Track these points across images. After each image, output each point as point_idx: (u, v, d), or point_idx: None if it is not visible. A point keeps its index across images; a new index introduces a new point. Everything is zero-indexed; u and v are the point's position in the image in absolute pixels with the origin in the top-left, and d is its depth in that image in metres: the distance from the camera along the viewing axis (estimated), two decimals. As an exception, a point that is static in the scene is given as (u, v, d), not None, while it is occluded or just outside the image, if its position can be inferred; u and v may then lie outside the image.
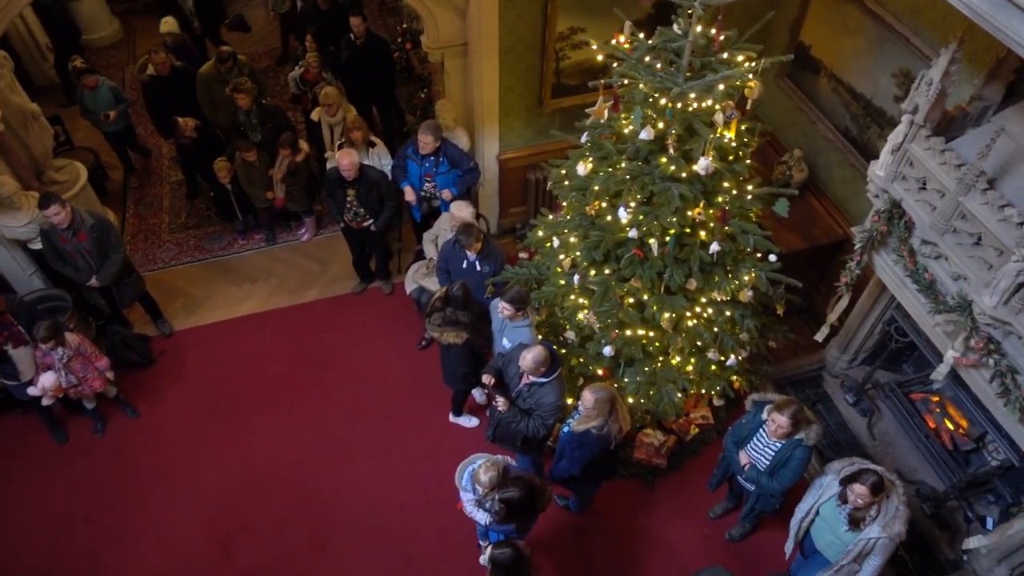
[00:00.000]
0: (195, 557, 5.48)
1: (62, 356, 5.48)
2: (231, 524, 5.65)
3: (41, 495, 5.82)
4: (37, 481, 5.90)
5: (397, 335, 6.82)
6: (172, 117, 7.15)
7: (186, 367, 6.64)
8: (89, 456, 6.05)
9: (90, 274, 5.96)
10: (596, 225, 4.75)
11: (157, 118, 7.82)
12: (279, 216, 7.63)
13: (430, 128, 6.03)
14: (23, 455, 6.05)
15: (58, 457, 6.04)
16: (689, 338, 4.98)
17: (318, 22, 8.32)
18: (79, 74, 7.37)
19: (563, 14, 5.92)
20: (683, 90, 3.98)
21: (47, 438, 6.09)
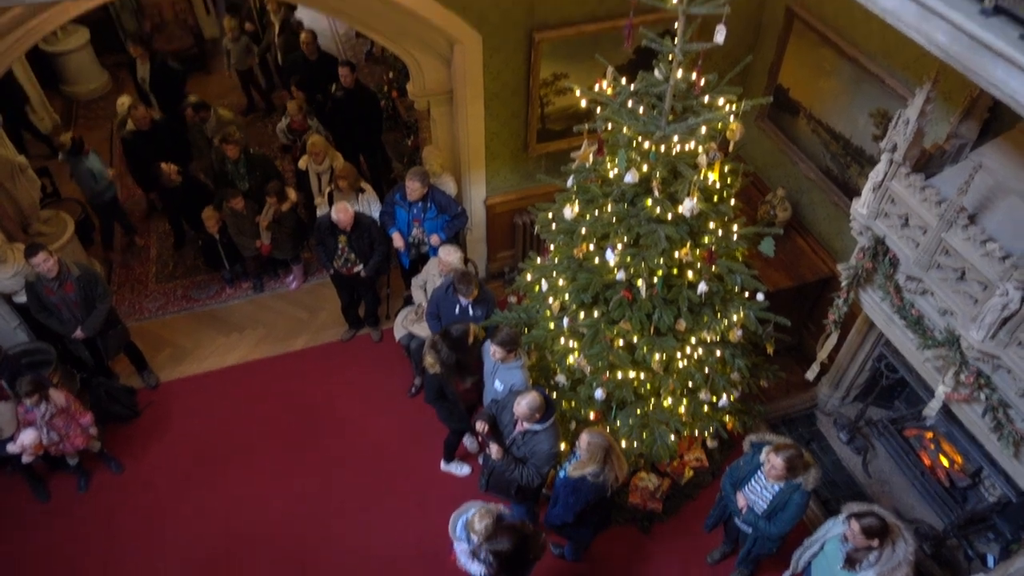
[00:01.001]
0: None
1: (44, 413, 5.37)
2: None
3: (23, 555, 5.64)
4: (17, 540, 5.72)
5: (387, 382, 6.75)
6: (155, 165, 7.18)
7: (172, 419, 6.52)
8: (72, 514, 5.90)
9: (75, 325, 5.90)
10: (584, 267, 4.76)
11: (140, 172, 7.79)
12: (267, 264, 7.61)
13: (417, 174, 6.07)
14: (3, 514, 5.88)
15: (40, 515, 5.88)
16: (680, 379, 4.95)
17: (304, 72, 8.45)
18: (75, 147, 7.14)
19: (546, 61, 6.02)
20: (666, 133, 4.03)
21: (29, 496, 5.94)
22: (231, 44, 9.15)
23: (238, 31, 9.10)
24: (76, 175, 7.39)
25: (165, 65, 8.54)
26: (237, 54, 9.22)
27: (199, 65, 10.55)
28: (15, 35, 5.26)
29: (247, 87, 9.78)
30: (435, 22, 5.46)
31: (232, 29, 9.05)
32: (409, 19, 5.53)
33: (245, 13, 9.75)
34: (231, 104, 9.67)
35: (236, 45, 9.14)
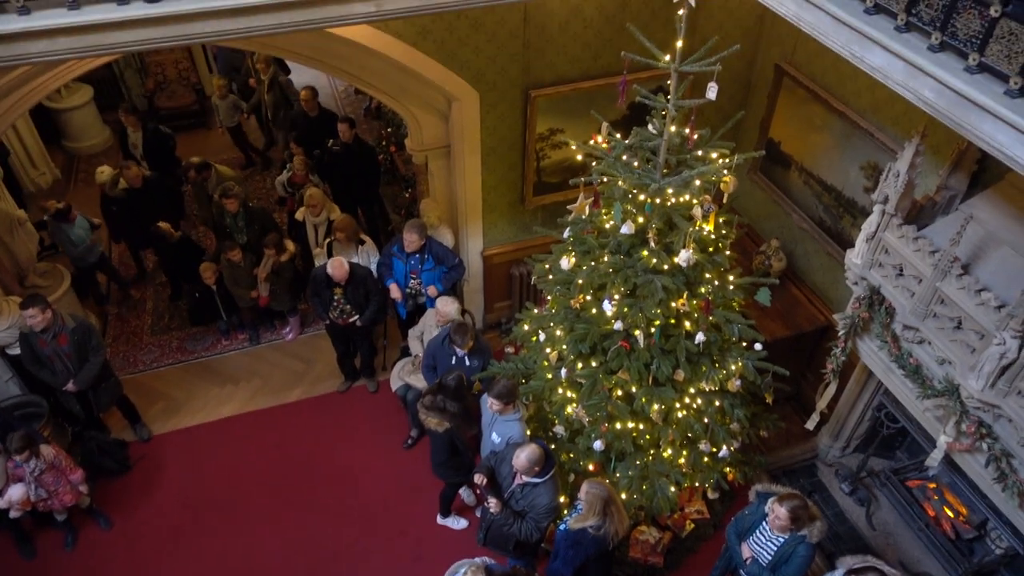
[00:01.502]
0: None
1: (34, 469, 5.29)
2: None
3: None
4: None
5: (383, 434, 6.68)
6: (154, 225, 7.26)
7: (164, 473, 6.42)
8: (58, 573, 5.74)
9: (68, 378, 5.85)
10: (581, 318, 4.78)
11: (134, 230, 7.83)
12: (263, 315, 7.60)
13: (415, 227, 6.13)
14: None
15: (26, 574, 5.71)
16: (680, 430, 4.92)
17: (304, 128, 8.60)
18: (60, 214, 7.12)
19: (542, 116, 6.16)
20: (661, 186, 4.10)
21: (14, 553, 5.78)
22: (219, 101, 9.34)
23: (225, 89, 9.28)
24: (57, 239, 7.45)
25: (158, 131, 8.60)
26: (225, 111, 9.40)
27: (200, 122, 10.72)
28: (21, 92, 5.36)
29: (239, 143, 9.92)
30: (434, 80, 5.60)
31: (220, 87, 9.24)
32: (409, 77, 5.66)
33: (245, 72, 9.96)
34: (230, 159, 9.81)
35: (224, 103, 9.32)
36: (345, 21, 3.50)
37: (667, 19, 5.63)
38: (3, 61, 3.38)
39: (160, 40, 3.50)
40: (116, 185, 7.63)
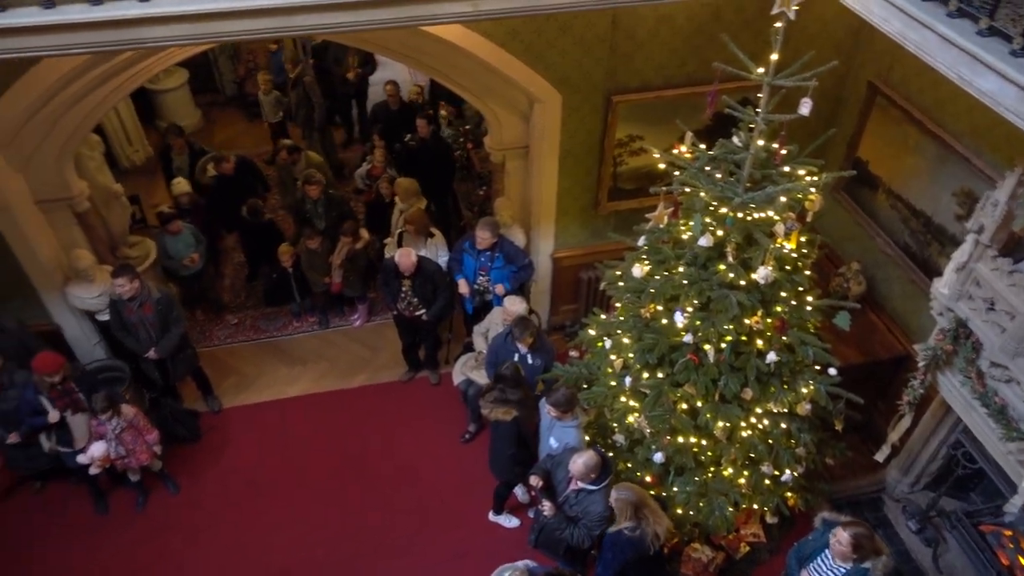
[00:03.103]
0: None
1: (115, 427, 5.57)
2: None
3: (77, 564, 5.79)
4: (75, 549, 5.88)
5: (442, 426, 6.77)
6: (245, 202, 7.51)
7: (230, 445, 6.67)
8: (127, 529, 6.04)
9: (150, 345, 6.13)
10: (651, 328, 4.73)
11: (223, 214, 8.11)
12: (334, 301, 7.81)
13: (488, 224, 6.19)
14: (65, 522, 6.06)
15: (98, 527, 6.04)
16: (743, 449, 4.82)
17: (386, 121, 8.79)
18: (164, 219, 7.10)
19: (623, 122, 6.13)
20: (744, 200, 4.04)
21: (90, 507, 6.12)
22: (263, 97, 9.63)
23: (269, 85, 9.56)
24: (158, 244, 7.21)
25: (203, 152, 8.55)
26: (269, 106, 9.68)
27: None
28: (128, 73, 5.64)
29: (275, 137, 10.00)
30: (519, 81, 5.64)
31: (265, 83, 9.52)
32: (494, 77, 5.73)
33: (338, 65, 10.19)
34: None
35: (268, 98, 9.61)
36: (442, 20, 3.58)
37: (759, 30, 5.50)
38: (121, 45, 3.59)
39: (265, 31, 3.65)
40: (205, 173, 7.96)
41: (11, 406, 5.52)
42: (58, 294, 6.27)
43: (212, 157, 8.03)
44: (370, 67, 9.89)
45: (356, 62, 9.66)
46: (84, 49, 3.80)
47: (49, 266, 6.10)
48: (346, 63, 9.65)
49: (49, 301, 6.30)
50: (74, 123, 5.62)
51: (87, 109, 5.59)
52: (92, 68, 5.10)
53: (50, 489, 6.27)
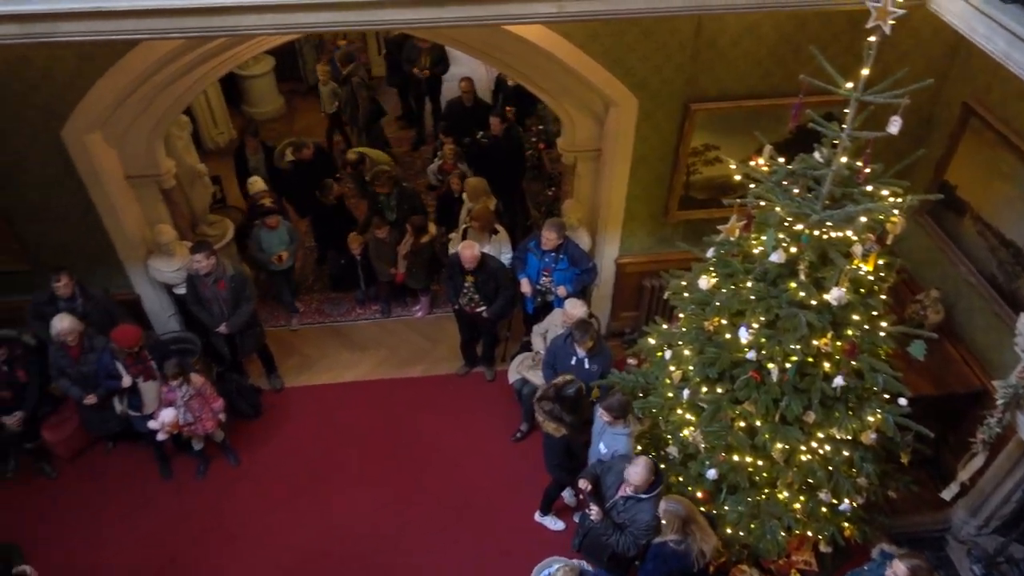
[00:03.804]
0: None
1: (184, 394, 5.81)
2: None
3: (137, 525, 6.07)
4: (137, 509, 6.17)
5: (494, 423, 6.81)
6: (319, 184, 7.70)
7: (289, 424, 6.86)
8: (188, 496, 6.29)
9: (221, 320, 6.37)
10: (713, 341, 4.64)
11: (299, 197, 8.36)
12: (397, 291, 7.94)
13: (555, 225, 6.19)
14: (130, 484, 6.36)
15: (161, 491, 6.31)
16: (801, 474, 4.68)
17: (459, 117, 8.89)
18: (263, 212, 7.15)
19: (699, 131, 6.03)
20: (821, 218, 3.92)
21: (155, 471, 6.40)
22: (322, 88, 9.82)
23: (327, 76, 9.71)
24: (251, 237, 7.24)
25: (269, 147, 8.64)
26: (326, 97, 9.85)
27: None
28: (219, 59, 5.87)
29: (331, 131, 10.25)
30: (596, 84, 5.62)
31: (323, 73, 9.68)
32: (571, 78, 5.72)
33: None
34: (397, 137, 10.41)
35: (326, 89, 9.78)
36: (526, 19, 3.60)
37: (847, 44, 5.35)
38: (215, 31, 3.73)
39: (351, 23, 3.74)
40: (283, 158, 8.22)
41: (90, 369, 5.83)
42: (140, 266, 6.58)
43: (292, 143, 8.28)
44: (443, 66, 9.96)
45: (428, 61, 9.73)
46: (180, 34, 3.99)
47: (134, 239, 6.41)
48: (420, 61, 9.76)
49: (132, 272, 6.61)
50: (166, 104, 5.88)
51: (179, 91, 5.84)
52: (186, 52, 5.33)
53: (119, 451, 6.59)
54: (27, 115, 5.42)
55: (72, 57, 5.14)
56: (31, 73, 5.20)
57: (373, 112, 9.60)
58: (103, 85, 5.32)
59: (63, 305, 5.94)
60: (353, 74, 9.40)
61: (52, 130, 5.54)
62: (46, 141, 5.59)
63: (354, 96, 9.44)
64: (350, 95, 9.46)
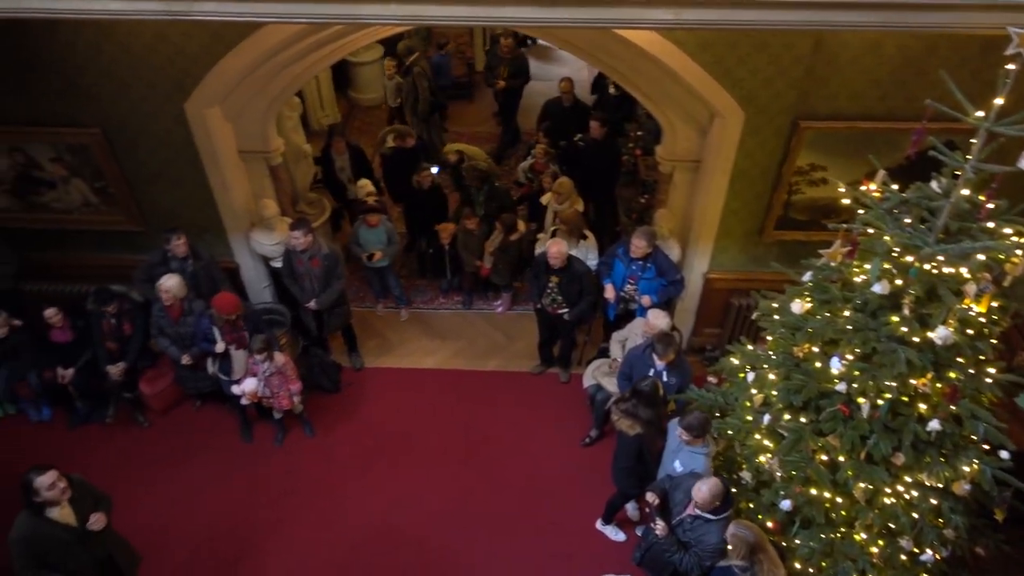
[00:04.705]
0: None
1: (266, 370, 6.06)
2: (362, 566, 5.81)
3: (215, 481, 6.38)
4: (217, 467, 6.50)
5: (564, 425, 6.80)
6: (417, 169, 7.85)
7: (365, 403, 7.06)
8: (265, 461, 6.57)
9: (312, 296, 6.62)
10: (801, 368, 4.48)
11: (394, 184, 8.56)
12: (481, 284, 8.03)
13: (646, 234, 6.11)
14: (213, 442, 6.71)
15: (240, 454, 6.62)
16: (882, 517, 4.45)
17: (557, 117, 8.89)
18: (365, 209, 7.20)
19: (807, 150, 5.83)
20: (934, 251, 3.71)
21: (237, 433, 6.72)
22: (387, 82, 9.96)
23: (393, 71, 9.84)
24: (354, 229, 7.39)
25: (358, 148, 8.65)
26: (390, 91, 10.00)
27: (466, 93, 11.50)
28: (335, 45, 6.07)
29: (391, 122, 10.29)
30: (702, 94, 5.51)
31: (390, 67, 9.82)
32: (677, 86, 5.63)
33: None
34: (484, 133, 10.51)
35: (391, 83, 9.92)
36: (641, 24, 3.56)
37: (978, 70, 5.06)
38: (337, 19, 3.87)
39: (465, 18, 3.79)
40: (384, 143, 8.43)
41: (188, 331, 6.17)
42: (242, 237, 6.90)
43: (396, 130, 8.49)
44: (522, 78, 9.85)
45: (507, 72, 9.61)
46: (305, 19, 4.14)
47: (239, 210, 6.73)
48: (498, 71, 9.69)
49: (234, 241, 6.95)
50: (282, 85, 6.14)
51: (295, 73, 6.08)
52: (305, 37, 5.55)
53: (206, 409, 6.95)
54: (159, 86, 5.78)
55: (203, 35, 5.45)
56: (166, 48, 5.54)
57: (432, 104, 9.73)
58: (227, 63, 5.61)
59: (175, 265, 6.33)
60: (415, 64, 9.58)
61: (177, 102, 5.89)
62: (171, 112, 5.95)
63: (415, 87, 9.61)
64: (411, 86, 9.64)
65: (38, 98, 5.91)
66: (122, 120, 6.04)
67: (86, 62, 5.67)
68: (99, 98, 5.89)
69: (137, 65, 5.67)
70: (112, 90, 5.83)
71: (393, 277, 7.74)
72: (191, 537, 5.97)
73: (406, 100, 9.81)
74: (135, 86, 5.80)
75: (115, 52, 5.59)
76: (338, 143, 8.18)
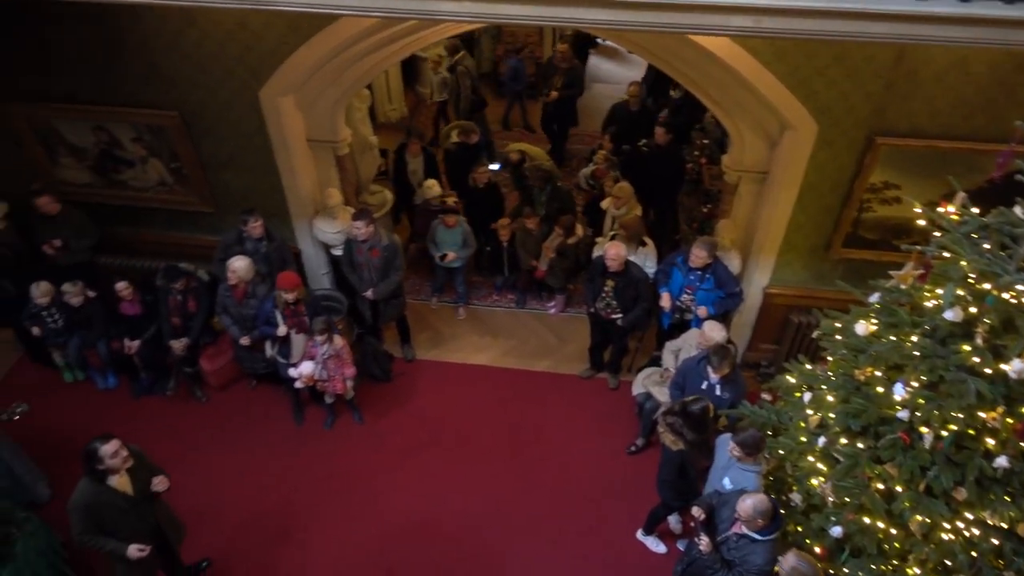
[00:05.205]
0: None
1: (324, 352, 6.19)
2: (398, 555, 5.88)
3: (265, 460, 6.56)
4: (268, 446, 6.67)
5: (610, 431, 6.74)
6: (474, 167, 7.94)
7: (415, 394, 7.14)
8: (313, 443, 6.72)
9: (369, 286, 6.73)
10: (862, 392, 4.33)
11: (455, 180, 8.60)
12: (535, 284, 8.03)
13: (707, 244, 6.02)
14: (265, 421, 6.89)
15: (291, 436, 6.78)
16: (939, 553, 4.26)
17: (623, 122, 8.82)
18: (445, 210, 7.29)
19: (881, 167, 5.64)
20: (1013, 280, 3.54)
21: (289, 414, 6.89)
22: (433, 76, 10.02)
23: (438, 66, 9.89)
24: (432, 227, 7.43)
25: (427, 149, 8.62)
26: (437, 85, 10.04)
27: (532, 92, 11.50)
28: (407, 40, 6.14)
29: (437, 119, 10.49)
30: (775, 103, 5.39)
31: (434, 64, 9.87)
32: (749, 95, 5.52)
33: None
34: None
35: (437, 77, 9.99)
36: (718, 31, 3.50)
37: (1073, 91, 4.81)
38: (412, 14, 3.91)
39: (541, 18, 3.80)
40: (448, 139, 8.52)
41: (250, 313, 6.35)
42: (305, 223, 7.07)
43: (460, 126, 8.56)
44: (576, 90, 9.73)
45: (560, 82, 9.47)
46: (381, 13, 4.21)
47: (305, 197, 6.89)
48: (552, 80, 9.55)
49: (297, 227, 7.12)
50: (354, 77, 6.26)
51: (367, 66, 6.19)
52: (380, 31, 5.63)
53: (262, 389, 7.14)
54: (236, 73, 5.97)
55: (282, 25, 5.60)
56: (245, 36, 5.72)
57: (474, 102, 9.79)
58: (303, 53, 5.75)
59: (249, 246, 6.54)
60: (460, 62, 9.61)
61: (252, 90, 6.07)
62: (246, 99, 6.13)
63: (458, 84, 9.67)
64: (455, 83, 9.70)
65: (123, 80, 6.18)
66: (199, 105, 6.25)
67: (168, 48, 5.89)
68: (178, 83, 6.11)
69: (216, 52, 5.86)
70: (191, 75, 6.05)
71: (461, 277, 7.80)
72: (237, 511, 6.15)
73: (451, 96, 9.94)
74: (213, 72, 6.00)
75: (196, 38, 5.80)
76: (414, 145, 8.13)
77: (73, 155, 6.85)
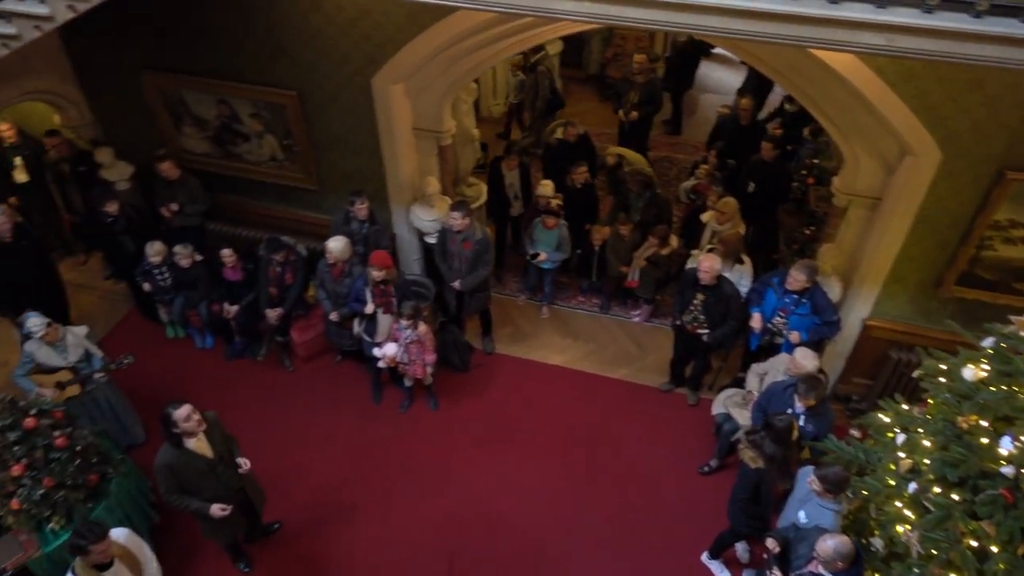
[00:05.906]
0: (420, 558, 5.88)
1: (408, 336, 6.32)
2: (459, 542, 5.95)
3: (340, 432, 6.76)
4: (344, 420, 6.88)
5: (684, 449, 6.59)
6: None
7: (490, 387, 7.20)
8: (388, 424, 6.88)
9: (458, 277, 6.82)
10: (963, 441, 4.06)
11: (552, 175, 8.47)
12: (622, 291, 7.94)
13: (807, 267, 5.77)
14: (345, 396, 7.11)
15: (367, 413, 6.97)
16: (1031, 623, 3.96)
17: (731, 135, 8.57)
18: (545, 211, 7.33)
19: (1009, 203, 5.27)
20: None
21: (368, 392, 7.08)
22: (511, 77, 9.90)
23: (517, 68, 9.75)
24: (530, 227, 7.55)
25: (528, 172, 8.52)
26: (513, 87, 9.92)
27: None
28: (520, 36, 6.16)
29: (510, 120, 10.39)
30: (898, 128, 5.12)
31: (512, 65, 9.74)
32: (870, 117, 5.26)
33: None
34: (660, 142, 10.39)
35: (515, 79, 9.85)
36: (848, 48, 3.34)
37: None
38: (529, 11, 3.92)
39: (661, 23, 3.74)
40: (552, 134, 8.52)
41: (343, 291, 6.57)
42: (403, 209, 7.23)
43: (566, 122, 8.56)
44: (652, 107, 9.29)
45: (636, 98, 8.99)
46: (499, 8, 4.24)
47: (405, 184, 7.05)
48: (627, 96, 9.12)
49: (395, 212, 7.30)
50: (464, 69, 6.35)
51: (478, 60, 6.27)
52: (494, 26, 5.69)
53: (345, 365, 7.37)
54: (353, 59, 6.18)
55: (401, 15, 5.75)
56: (366, 23, 5.90)
57: (551, 102, 9.70)
58: (418, 43, 5.88)
59: (355, 227, 6.81)
60: (540, 63, 9.53)
61: (366, 75, 6.26)
62: (359, 84, 6.33)
63: (536, 84, 9.59)
64: (533, 83, 9.62)
65: (250, 58, 6.50)
66: (316, 86, 6.51)
67: (295, 31, 6.15)
68: (300, 64, 6.38)
69: (337, 37, 6.08)
70: (312, 58, 6.30)
71: (550, 276, 7.80)
72: (312, 479, 6.38)
73: (527, 97, 9.89)
74: (332, 56, 6.22)
75: (320, 23, 6.03)
76: (511, 160, 8.02)
77: (196, 125, 7.27)
